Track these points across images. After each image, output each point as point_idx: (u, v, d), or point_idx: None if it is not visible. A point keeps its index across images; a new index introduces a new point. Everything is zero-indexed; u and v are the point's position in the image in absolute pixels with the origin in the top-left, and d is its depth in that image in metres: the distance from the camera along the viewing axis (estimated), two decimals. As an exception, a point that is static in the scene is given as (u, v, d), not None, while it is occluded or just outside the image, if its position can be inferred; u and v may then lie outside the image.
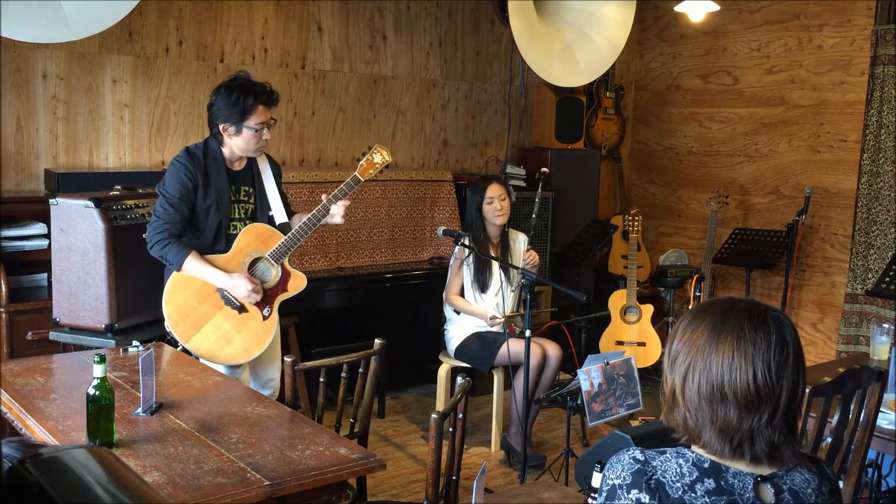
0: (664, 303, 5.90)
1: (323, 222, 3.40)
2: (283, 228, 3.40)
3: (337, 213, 3.39)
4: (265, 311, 3.34)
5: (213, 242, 3.31)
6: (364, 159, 3.45)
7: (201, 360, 3.31)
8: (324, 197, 3.41)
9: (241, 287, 3.23)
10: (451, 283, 4.40)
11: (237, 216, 3.39)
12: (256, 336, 3.33)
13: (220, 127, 3.27)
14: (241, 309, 3.30)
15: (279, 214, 3.44)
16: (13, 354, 3.79)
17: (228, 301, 3.28)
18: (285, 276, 3.38)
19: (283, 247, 3.32)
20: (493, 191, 4.32)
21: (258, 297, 3.27)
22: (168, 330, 3.29)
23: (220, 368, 3.27)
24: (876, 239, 5.24)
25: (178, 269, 3.21)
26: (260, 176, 3.45)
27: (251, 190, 3.43)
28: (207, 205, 3.28)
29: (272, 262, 3.33)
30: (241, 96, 3.22)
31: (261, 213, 3.43)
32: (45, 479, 0.71)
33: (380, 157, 3.45)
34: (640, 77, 6.77)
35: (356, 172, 3.43)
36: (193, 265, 3.19)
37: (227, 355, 3.29)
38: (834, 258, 5.58)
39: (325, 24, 5.28)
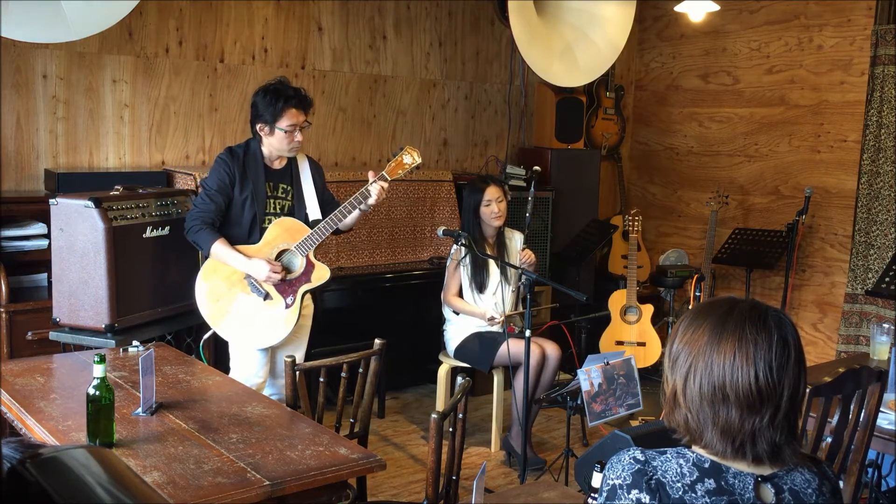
0: (664, 303, 5.90)
1: (362, 207, 3.53)
2: (315, 225, 3.57)
3: (373, 191, 3.52)
4: (288, 300, 3.52)
5: (249, 234, 3.53)
6: (393, 159, 3.60)
7: (233, 347, 3.55)
8: (370, 174, 3.56)
9: (260, 268, 3.43)
10: (448, 285, 4.40)
11: (272, 211, 3.59)
12: (279, 323, 3.52)
13: (258, 127, 3.51)
14: (266, 296, 3.50)
15: (314, 212, 3.64)
16: (13, 354, 3.79)
17: (255, 288, 3.49)
18: (309, 267, 3.56)
19: (309, 239, 3.52)
20: (491, 193, 4.31)
21: (277, 278, 3.45)
22: (201, 312, 3.51)
23: (254, 353, 3.51)
24: (876, 239, 5.24)
25: (207, 254, 3.47)
26: (299, 175, 3.65)
27: (289, 188, 3.63)
28: (243, 198, 3.51)
29: (298, 253, 3.53)
30: (273, 98, 3.44)
31: (298, 210, 3.62)
32: (45, 479, 0.71)
33: (409, 157, 3.60)
34: (640, 77, 6.77)
35: (384, 171, 3.57)
36: (220, 250, 3.43)
37: (251, 339, 3.50)
38: (834, 258, 5.58)
39: (325, 24, 5.28)
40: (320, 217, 3.62)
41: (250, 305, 3.49)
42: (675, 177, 6.54)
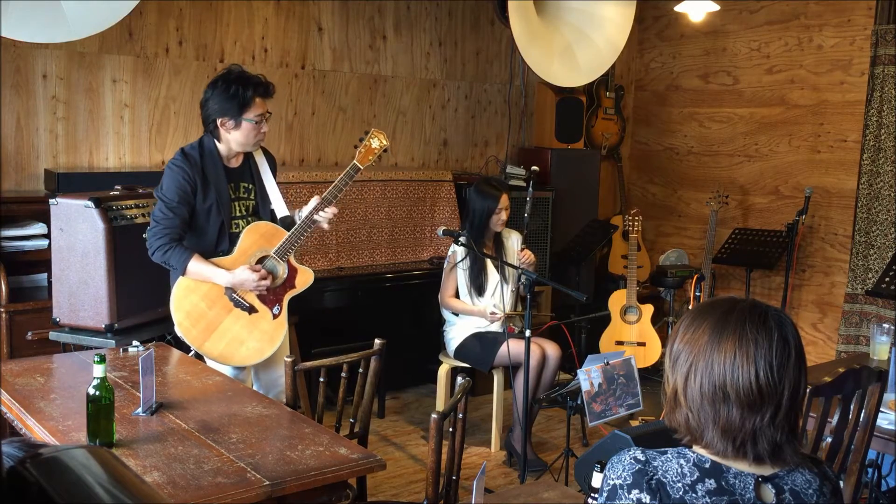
0: (664, 303, 5.90)
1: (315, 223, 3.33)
2: (286, 222, 3.34)
3: (323, 218, 3.30)
4: (275, 310, 3.29)
5: (217, 243, 3.25)
6: (361, 145, 3.38)
7: (210, 364, 3.25)
8: (314, 199, 3.32)
9: (246, 280, 3.16)
10: (445, 286, 4.39)
11: (238, 214, 3.32)
12: (268, 336, 3.29)
13: (219, 122, 3.20)
14: (251, 309, 3.24)
15: (280, 208, 3.37)
16: (13, 354, 3.79)
17: (238, 303, 3.23)
18: (292, 272, 3.33)
19: (287, 243, 3.25)
20: (504, 202, 4.32)
21: (266, 285, 3.21)
22: (180, 336, 3.23)
23: (226, 370, 3.23)
24: (876, 239, 5.24)
25: (183, 273, 3.14)
26: (258, 170, 3.38)
27: (251, 186, 3.36)
28: (207, 206, 3.21)
29: (278, 259, 3.27)
30: (239, 88, 3.16)
31: (262, 208, 3.37)
32: (45, 479, 0.71)
33: (377, 141, 3.38)
34: (640, 77, 6.77)
35: (355, 160, 3.35)
36: (197, 267, 3.12)
37: (241, 357, 3.24)
38: (834, 258, 5.58)
39: (325, 24, 5.28)
40: (287, 213, 3.37)
41: (236, 322, 3.23)
42: (675, 177, 6.54)
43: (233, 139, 3.23)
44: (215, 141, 3.26)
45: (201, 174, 3.19)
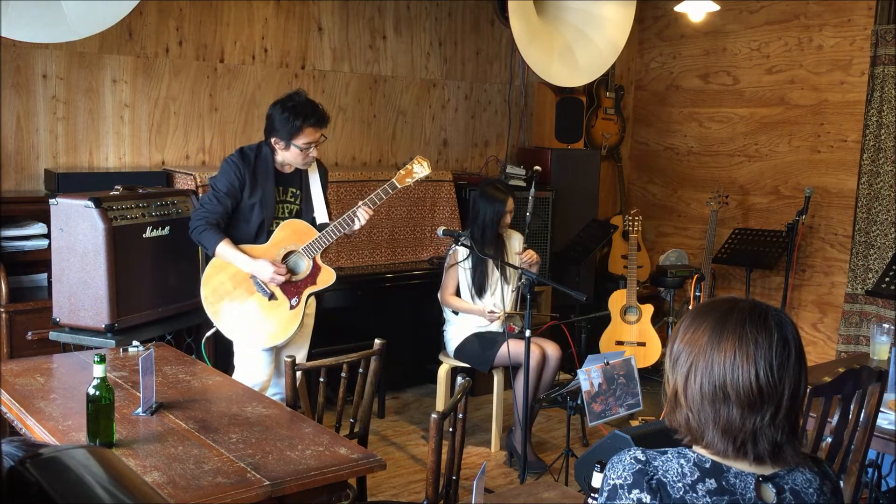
0: (664, 303, 5.90)
1: (347, 231, 3.59)
2: (322, 228, 3.59)
3: (361, 217, 3.57)
4: (293, 301, 3.55)
5: (255, 237, 3.55)
6: (403, 168, 3.65)
7: (239, 343, 3.55)
8: (360, 212, 3.57)
9: (264, 269, 3.44)
10: (446, 285, 4.39)
11: (282, 215, 3.61)
12: (282, 323, 3.53)
13: (272, 140, 3.51)
14: (271, 296, 3.51)
15: (321, 216, 3.66)
16: (13, 354, 3.79)
17: (260, 288, 3.50)
18: (315, 269, 3.58)
19: (316, 242, 3.53)
20: (510, 205, 4.33)
21: (281, 280, 3.47)
22: (205, 311, 3.51)
23: (258, 354, 3.53)
24: (876, 239, 5.24)
25: (212, 254, 3.49)
26: (307, 179, 3.67)
27: (298, 192, 3.64)
28: (252, 203, 3.51)
29: (305, 255, 3.54)
30: (291, 116, 3.44)
31: (305, 213, 3.65)
32: (45, 479, 0.71)
33: (419, 167, 3.64)
34: (640, 77, 6.77)
35: (393, 179, 3.61)
36: (225, 250, 3.44)
37: (255, 338, 3.51)
38: (834, 258, 5.58)
39: (325, 24, 5.28)
40: (327, 220, 3.63)
41: (255, 305, 3.51)
42: (675, 177, 6.54)
43: (283, 156, 3.54)
44: (271, 151, 3.56)
45: (252, 173, 3.52)
